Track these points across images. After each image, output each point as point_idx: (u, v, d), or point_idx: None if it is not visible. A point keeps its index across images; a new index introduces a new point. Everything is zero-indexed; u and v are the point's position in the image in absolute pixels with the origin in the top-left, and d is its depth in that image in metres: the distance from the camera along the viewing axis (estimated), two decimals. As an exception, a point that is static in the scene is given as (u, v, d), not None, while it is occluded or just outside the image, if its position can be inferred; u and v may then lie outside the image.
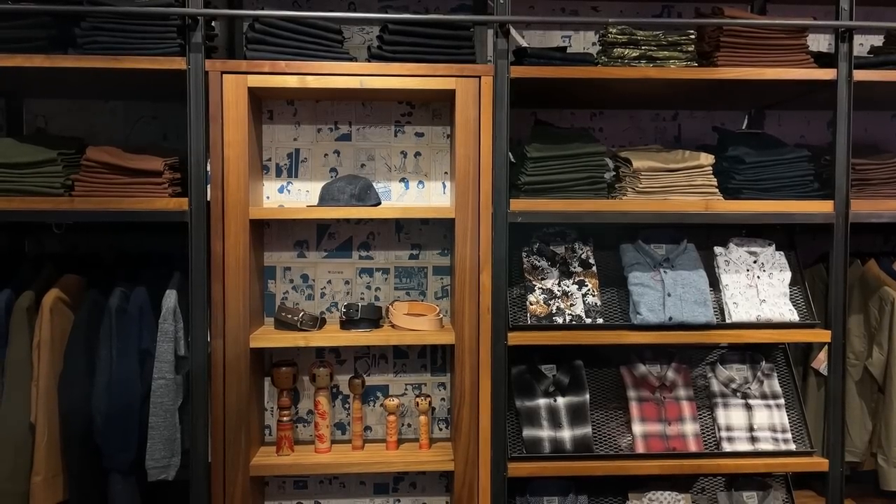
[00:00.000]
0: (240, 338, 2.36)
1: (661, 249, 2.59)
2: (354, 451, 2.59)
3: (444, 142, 2.75)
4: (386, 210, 2.52)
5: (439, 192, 2.75)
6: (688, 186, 2.47)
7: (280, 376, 2.55)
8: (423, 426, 2.61)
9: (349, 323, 2.51)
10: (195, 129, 2.27)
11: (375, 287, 2.76)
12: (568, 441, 2.49)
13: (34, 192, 2.24)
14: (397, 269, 2.77)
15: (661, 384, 2.58)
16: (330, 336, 2.49)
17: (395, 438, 2.61)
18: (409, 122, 2.74)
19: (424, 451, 2.60)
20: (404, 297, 2.75)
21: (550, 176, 2.44)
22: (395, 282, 2.76)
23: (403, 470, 2.71)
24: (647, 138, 3.00)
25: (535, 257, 2.59)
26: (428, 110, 2.75)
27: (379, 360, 2.78)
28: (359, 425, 2.61)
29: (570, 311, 2.50)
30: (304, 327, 2.49)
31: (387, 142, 2.74)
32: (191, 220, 2.28)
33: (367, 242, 2.76)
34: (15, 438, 2.25)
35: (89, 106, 2.78)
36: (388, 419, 2.61)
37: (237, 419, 2.36)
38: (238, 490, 2.37)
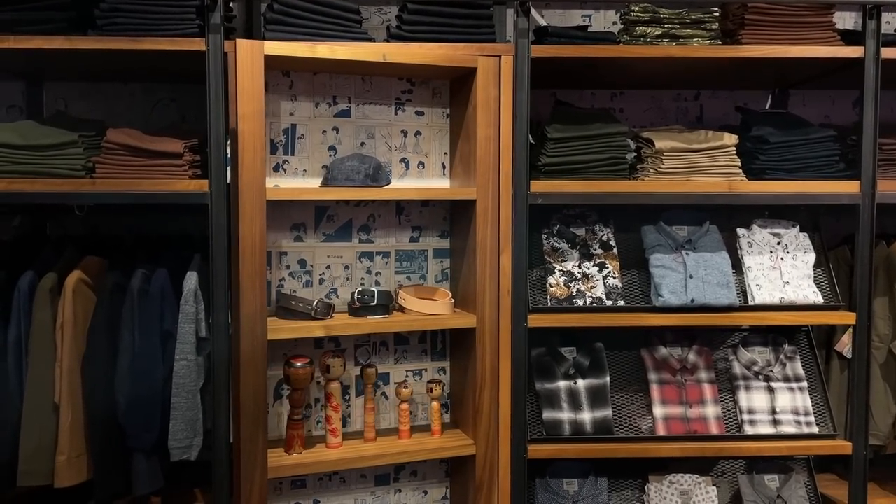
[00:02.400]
0: (256, 330, 2.21)
1: (684, 231, 2.56)
2: (367, 443, 2.47)
3: (444, 122, 2.61)
4: (408, 191, 2.44)
5: (439, 173, 2.62)
6: (711, 167, 2.44)
7: (299, 375, 2.35)
8: (434, 412, 2.53)
9: (364, 310, 2.40)
10: (214, 110, 2.26)
11: (376, 272, 2.59)
12: (588, 423, 2.49)
13: (56, 174, 2.24)
14: (398, 253, 2.61)
15: (682, 367, 2.57)
16: (353, 324, 2.36)
17: (408, 427, 2.51)
18: (409, 101, 2.58)
19: (437, 437, 2.51)
20: (405, 282, 2.62)
21: (571, 157, 2.41)
22: (396, 266, 2.60)
23: (427, 458, 2.55)
24: (668, 119, 2.97)
25: (555, 239, 2.57)
26: (428, 88, 2.59)
27: (380, 347, 2.63)
28: (371, 416, 2.48)
29: (590, 294, 2.48)
30: (318, 316, 2.35)
31: (387, 120, 2.56)
32: (211, 202, 2.27)
33: (367, 225, 2.58)
34: (39, 419, 2.27)
35: (109, 88, 2.79)
36: (401, 407, 2.50)
37: (254, 417, 2.22)
38: (256, 492, 2.23)
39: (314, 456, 2.38)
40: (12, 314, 2.29)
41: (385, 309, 2.43)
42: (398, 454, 2.43)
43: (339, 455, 2.40)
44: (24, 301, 2.29)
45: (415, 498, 2.64)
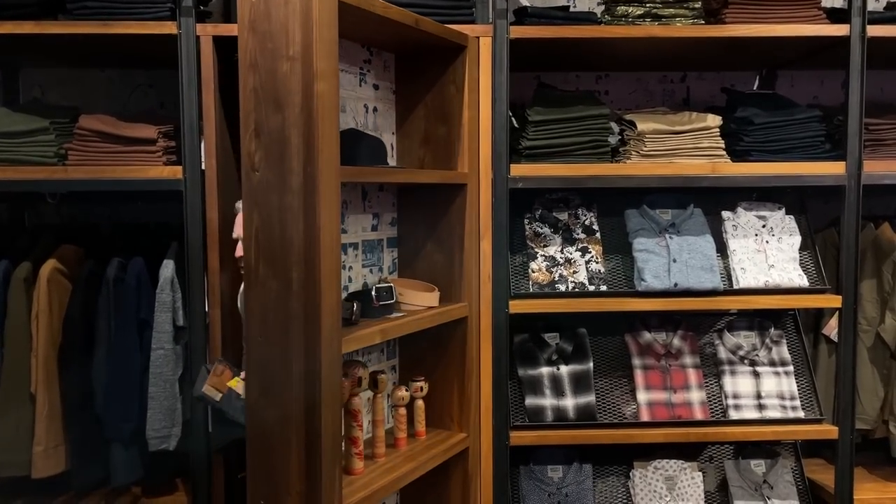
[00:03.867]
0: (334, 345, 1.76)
1: (667, 214, 2.52)
2: (378, 459, 2.15)
3: (392, 98, 2.40)
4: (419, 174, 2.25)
5: (389, 154, 2.38)
6: (694, 149, 2.40)
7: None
8: (420, 412, 2.34)
9: (384, 308, 2.12)
10: (187, 95, 2.23)
11: (349, 266, 2.27)
12: (571, 409, 2.46)
13: (27, 161, 2.22)
14: (364, 244, 2.32)
15: (666, 352, 2.54)
16: (401, 325, 2.09)
17: (405, 434, 2.26)
18: (369, 71, 2.31)
19: (424, 438, 2.34)
20: (368, 276, 2.34)
21: (552, 140, 2.38)
22: (363, 258, 2.30)
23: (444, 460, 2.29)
24: (654, 101, 2.93)
25: (537, 224, 2.54)
26: (381, 59, 2.35)
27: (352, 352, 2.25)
28: (381, 429, 2.19)
29: (573, 279, 2.45)
30: (356, 320, 1.99)
31: (353, 91, 2.27)
32: (185, 189, 2.24)
33: (342, 213, 2.19)
34: (15, 409, 2.26)
35: (85, 75, 2.76)
36: (399, 412, 2.24)
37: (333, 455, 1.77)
38: None
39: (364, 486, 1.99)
40: (-14, 304, 2.27)
41: (394, 305, 2.17)
42: (425, 463, 2.19)
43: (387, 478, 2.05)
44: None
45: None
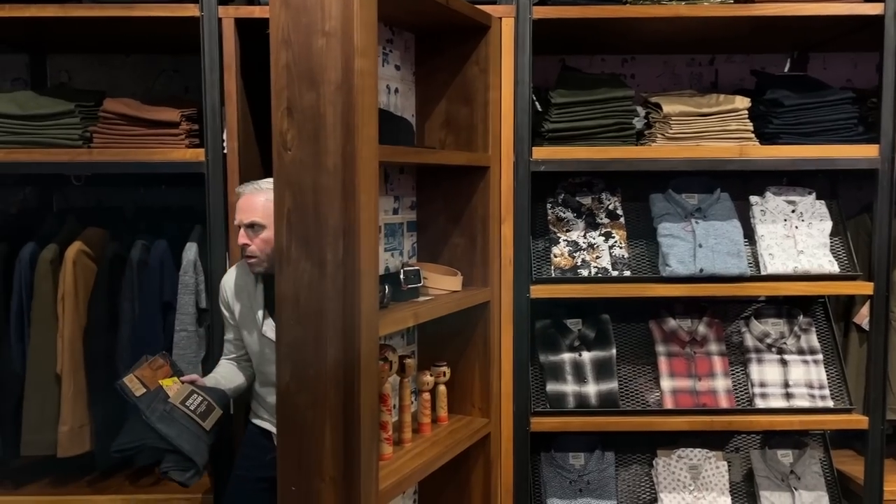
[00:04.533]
0: (372, 326, 1.73)
1: (693, 199, 2.48)
2: (405, 444, 2.12)
3: (413, 79, 2.37)
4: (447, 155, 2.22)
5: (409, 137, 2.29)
6: (721, 131, 2.34)
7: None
8: (443, 398, 2.31)
9: (412, 292, 2.10)
10: (210, 77, 2.23)
11: None
12: (593, 396, 2.43)
13: (53, 143, 2.24)
14: (385, 227, 2.27)
15: (691, 339, 2.50)
16: (433, 308, 2.06)
17: (430, 420, 2.24)
18: (391, 51, 2.28)
19: (446, 423, 2.31)
20: (390, 259, 2.30)
21: (576, 122, 2.34)
22: (385, 242, 2.25)
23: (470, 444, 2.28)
24: (682, 84, 2.88)
25: (559, 208, 2.50)
26: (402, 39, 2.31)
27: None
28: (408, 414, 2.14)
29: (595, 264, 2.42)
30: (387, 304, 1.97)
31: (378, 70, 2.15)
32: (207, 171, 2.25)
33: None
34: (42, 389, 2.29)
35: (111, 60, 2.78)
36: (424, 398, 2.22)
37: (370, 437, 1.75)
38: None
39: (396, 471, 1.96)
40: (14, 285, 2.31)
41: (421, 289, 2.15)
42: (452, 448, 2.16)
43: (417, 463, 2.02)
44: (26, 272, 2.31)
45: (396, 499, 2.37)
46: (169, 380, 2.02)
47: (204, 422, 2.02)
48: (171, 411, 1.97)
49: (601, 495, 2.46)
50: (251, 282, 2.11)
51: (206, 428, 2.03)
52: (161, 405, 1.96)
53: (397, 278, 2.06)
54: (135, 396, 1.95)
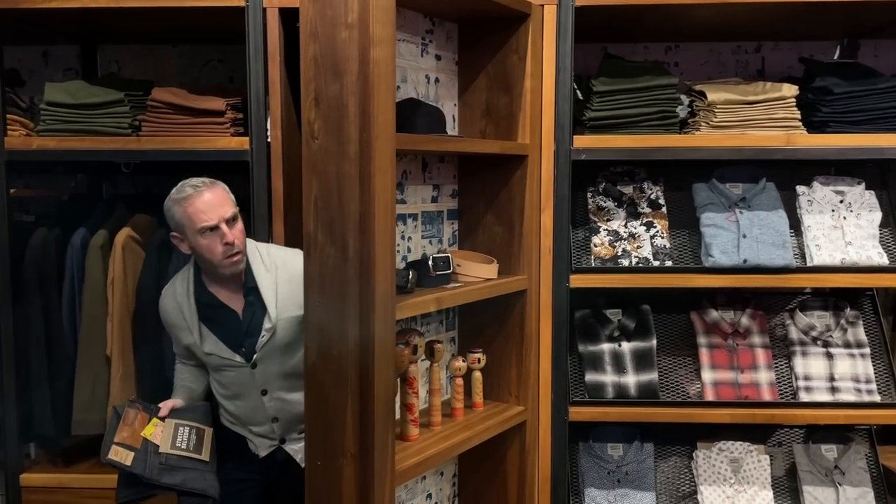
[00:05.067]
0: (388, 310, 1.77)
1: (738, 188, 2.44)
2: (434, 427, 2.15)
3: (454, 69, 2.38)
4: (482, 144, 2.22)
5: (450, 126, 2.35)
6: (768, 120, 2.30)
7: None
8: (478, 384, 2.32)
9: (440, 278, 2.10)
10: (254, 67, 2.27)
11: (408, 237, 2.26)
12: (632, 386, 2.42)
13: (103, 132, 2.30)
14: (423, 215, 2.29)
15: (734, 331, 2.46)
16: (457, 294, 2.08)
17: (462, 405, 2.25)
18: (431, 41, 2.28)
19: (481, 409, 2.32)
20: (428, 247, 2.33)
21: (618, 111, 2.32)
22: (422, 229, 2.27)
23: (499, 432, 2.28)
24: (727, 72, 2.83)
25: (600, 198, 2.49)
26: (444, 29, 2.31)
27: (409, 320, 2.28)
28: (438, 397, 2.17)
29: (636, 254, 2.40)
30: (411, 288, 1.98)
31: (414, 61, 2.24)
32: (252, 159, 2.29)
33: (401, 183, 2.24)
34: (92, 370, 2.36)
35: (158, 51, 2.84)
36: (457, 383, 2.24)
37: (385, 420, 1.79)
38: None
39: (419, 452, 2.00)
40: (66, 270, 2.38)
41: (451, 276, 2.16)
42: (481, 433, 2.18)
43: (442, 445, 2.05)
44: (77, 257, 2.38)
45: (435, 481, 2.45)
46: (150, 426, 1.96)
47: (201, 454, 2.01)
48: (167, 460, 1.94)
49: (640, 486, 2.44)
50: (185, 299, 2.05)
51: (206, 459, 2.02)
52: (155, 458, 1.92)
53: (426, 265, 2.08)
54: (128, 467, 1.88)
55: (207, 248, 1.94)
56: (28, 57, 2.81)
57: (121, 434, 1.91)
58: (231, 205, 1.99)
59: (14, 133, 2.29)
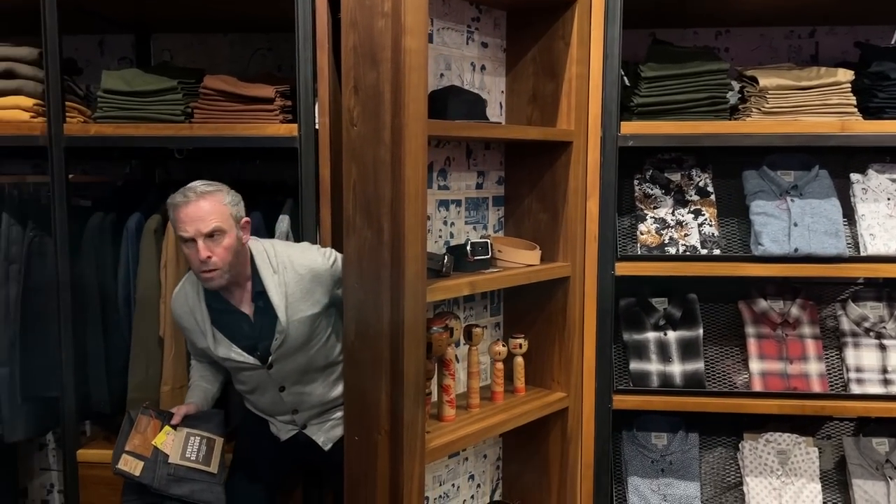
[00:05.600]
0: (419, 293, 1.84)
1: (789, 176, 2.39)
2: (472, 409, 2.22)
3: (503, 56, 2.40)
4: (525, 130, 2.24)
5: (497, 113, 2.41)
6: (821, 106, 2.25)
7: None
8: (520, 369, 2.37)
9: (479, 263, 2.15)
10: (303, 54, 2.29)
11: (451, 222, 2.33)
12: (678, 376, 2.40)
13: (157, 118, 2.36)
14: (467, 201, 2.35)
15: (783, 321, 2.42)
16: (493, 279, 2.13)
17: (502, 389, 2.31)
18: (477, 29, 2.32)
19: (523, 394, 2.37)
20: (472, 233, 2.39)
21: (666, 97, 2.29)
22: (466, 215, 2.32)
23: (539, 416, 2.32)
24: (779, 58, 2.77)
25: (647, 185, 2.46)
26: (491, 17, 2.35)
27: (451, 304, 2.39)
28: (476, 380, 2.23)
29: (683, 242, 2.37)
30: (446, 272, 2.02)
31: (459, 48, 2.28)
32: (300, 146, 2.31)
33: (444, 169, 2.30)
34: (146, 350, 2.42)
35: (209, 39, 2.89)
36: (497, 367, 2.30)
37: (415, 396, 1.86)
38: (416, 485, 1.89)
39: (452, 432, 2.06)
40: (121, 253, 2.44)
41: (490, 261, 2.21)
42: (518, 417, 2.23)
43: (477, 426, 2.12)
44: (132, 240, 2.44)
45: (478, 463, 2.52)
46: (161, 434, 1.95)
47: (209, 466, 2.02)
48: (176, 471, 1.95)
49: (684, 476, 2.43)
50: (197, 304, 2.06)
51: (214, 471, 2.04)
52: (164, 469, 1.92)
53: (465, 249, 2.11)
54: (137, 477, 1.88)
55: (188, 256, 1.97)
56: (85, 46, 2.89)
57: (132, 442, 1.92)
58: (217, 219, 1.94)
59: (73, 120, 2.36)
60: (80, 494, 2.41)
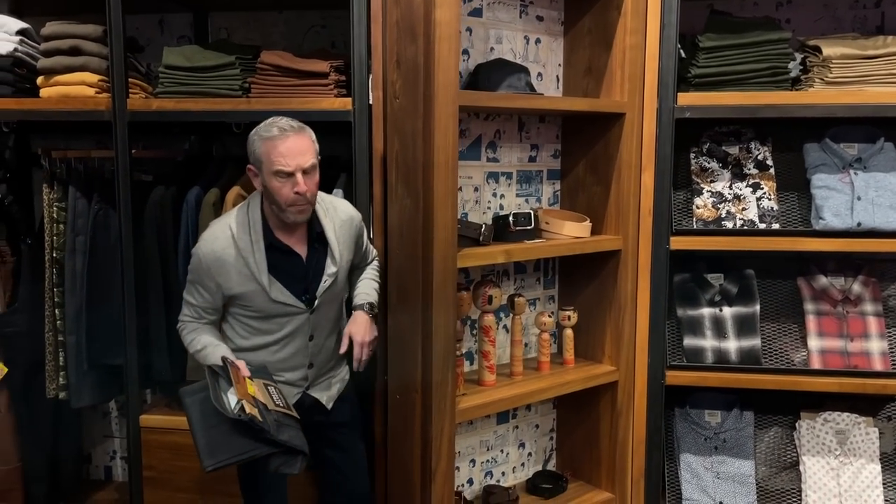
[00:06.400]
0: (448, 258, 1.93)
1: (853, 149, 2.33)
2: (515, 377, 2.30)
3: (559, 28, 2.39)
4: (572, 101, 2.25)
5: (553, 86, 2.41)
6: (888, 76, 2.19)
7: (464, 302, 2.13)
8: (569, 341, 2.41)
9: (521, 233, 2.18)
10: (357, 29, 2.31)
11: (500, 194, 2.37)
12: (733, 352, 2.37)
13: (216, 93, 2.41)
14: (518, 174, 2.37)
15: (844, 297, 2.37)
16: (531, 248, 2.17)
17: (549, 358, 2.37)
18: (531, 2, 2.33)
19: (572, 366, 2.40)
20: (524, 205, 2.42)
21: (725, 67, 2.25)
22: (517, 188, 2.36)
23: (583, 387, 2.35)
24: (843, 28, 2.68)
25: (704, 158, 2.42)
26: None
27: (502, 276, 2.45)
28: (520, 349, 2.30)
29: (741, 216, 2.33)
30: (485, 241, 2.10)
31: (513, 22, 2.30)
32: (354, 120, 2.34)
33: (494, 142, 2.34)
34: (205, 320, 2.49)
35: (265, 17, 2.93)
36: (542, 338, 2.35)
37: (444, 357, 1.94)
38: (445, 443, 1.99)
39: (486, 395, 2.15)
40: (181, 225, 2.51)
41: (534, 232, 2.23)
42: (558, 386, 2.27)
43: (513, 391, 2.18)
44: (192, 213, 2.50)
45: (529, 432, 2.57)
46: (250, 384, 1.86)
47: (291, 410, 1.94)
48: (278, 418, 1.85)
49: (738, 454, 2.40)
50: (250, 247, 1.97)
51: (296, 415, 1.94)
52: (270, 416, 1.80)
53: (507, 220, 2.16)
54: (261, 422, 1.75)
55: (278, 190, 1.91)
56: (145, 25, 2.96)
57: (240, 390, 1.80)
58: (312, 154, 1.94)
59: (135, 96, 2.43)
60: (143, 458, 2.50)
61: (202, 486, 2.48)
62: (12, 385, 2.68)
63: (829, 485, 2.33)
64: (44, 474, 2.80)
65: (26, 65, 2.49)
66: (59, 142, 2.88)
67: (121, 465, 3.16)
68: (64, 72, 2.42)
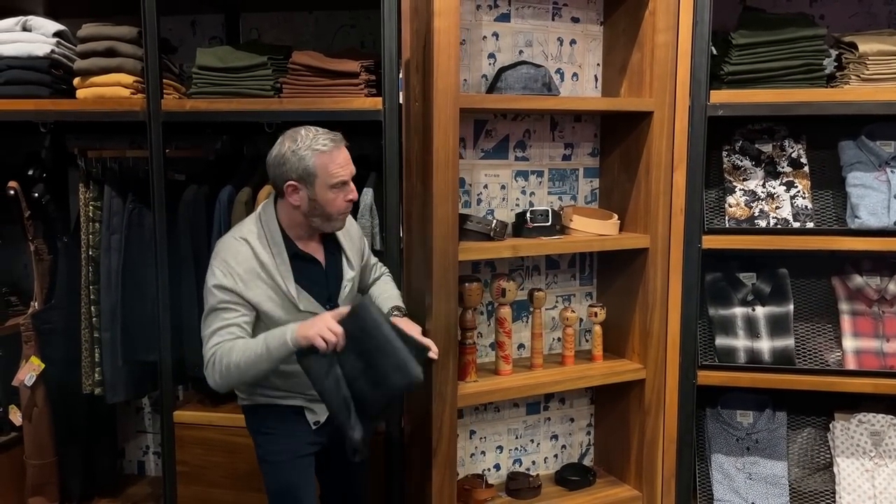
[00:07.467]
0: (448, 251, 2.02)
1: (890, 147, 2.29)
2: (535, 369, 2.34)
3: (598, 29, 2.42)
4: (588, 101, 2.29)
5: (591, 87, 2.44)
6: (927, 72, 2.15)
7: (473, 291, 2.21)
8: (597, 337, 2.42)
9: (538, 230, 2.25)
10: (388, 30, 2.32)
11: (530, 192, 2.42)
12: (766, 352, 2.34)
13: (248, 93, 2.43)
14: (551, 172, 2.43)
15: (880, 297, 2.33)
16: (539, 244, 2.23)
17: (573, 352, 2.40)
18: (565, 5, 2.37)
19: (600, 362, 2.41)
20: (557, 203, 2.46)
21: (759, 64, 2.23)
22: (549, 186, 2.42)
23: (604, 383, 2.38)
24: (879, 25, 2.65)
25: (736, 156, 2.40)
26: None
27: (532, 271, 2.49)
28: (539, 342, 2.35)
29: (774, 215, 2.31)
30: (496, 236, 2.19)
31: (544, 25, 2.35)
32: (384, 119, 2.35)
33: (523, 141, 2.40)
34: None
35: (295, 17, 2.95)
36: (567, 332, 2.38)
37: (445, 344, 2.04)
38: (446, 425, 2.09)
39: (495, 383, 2.24)
40: (214, 223, 2.54)
41: (555, 229, 2.28)
42: (575, 380, 2.31)
43: (521, 382, 2.24)
44: (224, 212, 2.53)
45: (562, 426, 2.59)
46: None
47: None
48: None
49: (770, 455, 2.38)
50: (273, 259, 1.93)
51: None
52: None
53: (525, 217, 2.25)
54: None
55: (332, 201, 1.91)
56: (178, 26, 3.00)
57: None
58: (352, 166, 1.97)
59: (169, 96, 2.46)
60: (177, 453, 2.54)
61: (236, 481, 2.51)
62: (49, 381, 2.74)
63: (864, 486, 2.29)
64: (79, 469, 2.86)
65: (63, 66, 2.54)
66: (94, 142, 2.93)
67: (153, 459, 3.21)
68: (100, 73, 2.46)
